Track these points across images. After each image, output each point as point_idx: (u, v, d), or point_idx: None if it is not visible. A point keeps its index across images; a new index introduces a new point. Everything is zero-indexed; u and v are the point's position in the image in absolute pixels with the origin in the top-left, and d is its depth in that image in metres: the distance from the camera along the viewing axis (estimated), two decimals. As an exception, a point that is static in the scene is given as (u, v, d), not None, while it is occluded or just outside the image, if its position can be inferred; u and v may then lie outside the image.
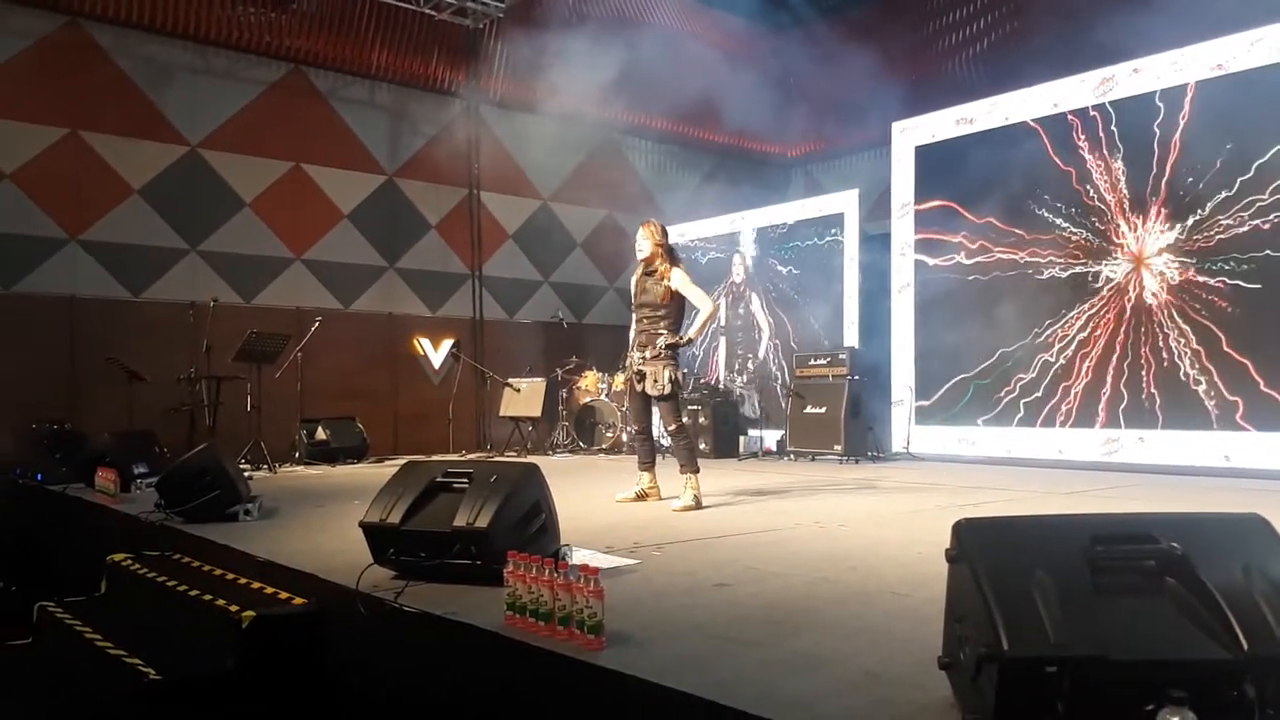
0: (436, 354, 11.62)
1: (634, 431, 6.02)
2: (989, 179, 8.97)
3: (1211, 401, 7.48)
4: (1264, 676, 1.69)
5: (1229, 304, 7.44)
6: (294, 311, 10.27)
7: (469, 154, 11.91)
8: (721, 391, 10.72)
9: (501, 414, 11.03)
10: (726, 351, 12.01)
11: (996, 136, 9.09)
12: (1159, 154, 7.92)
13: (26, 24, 9.06)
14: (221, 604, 3.55)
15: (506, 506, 3.18)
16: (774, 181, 14.49)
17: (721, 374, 11.95)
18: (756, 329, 11.63)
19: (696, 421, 9.90)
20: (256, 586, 3.76)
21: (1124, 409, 8.01)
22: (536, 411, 10.70)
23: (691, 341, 5.77)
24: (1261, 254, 7.26)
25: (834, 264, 10.72)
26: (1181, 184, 7.77)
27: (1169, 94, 7.88)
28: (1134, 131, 8.09)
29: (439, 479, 3.42)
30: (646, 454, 5.89)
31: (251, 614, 3.31)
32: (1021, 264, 8.81)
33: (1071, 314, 8.45)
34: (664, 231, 5.83)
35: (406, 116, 11.50)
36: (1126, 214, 8.15)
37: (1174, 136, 7.82)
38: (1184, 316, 7.70)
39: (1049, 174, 8.64)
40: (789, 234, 11.32)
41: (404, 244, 11.47)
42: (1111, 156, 8.25)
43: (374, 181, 11.25)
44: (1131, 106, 8.13)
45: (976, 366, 9.09)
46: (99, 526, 5.88)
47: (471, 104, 11.88)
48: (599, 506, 5.55)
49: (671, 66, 11.98)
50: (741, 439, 10.11)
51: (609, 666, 2.29)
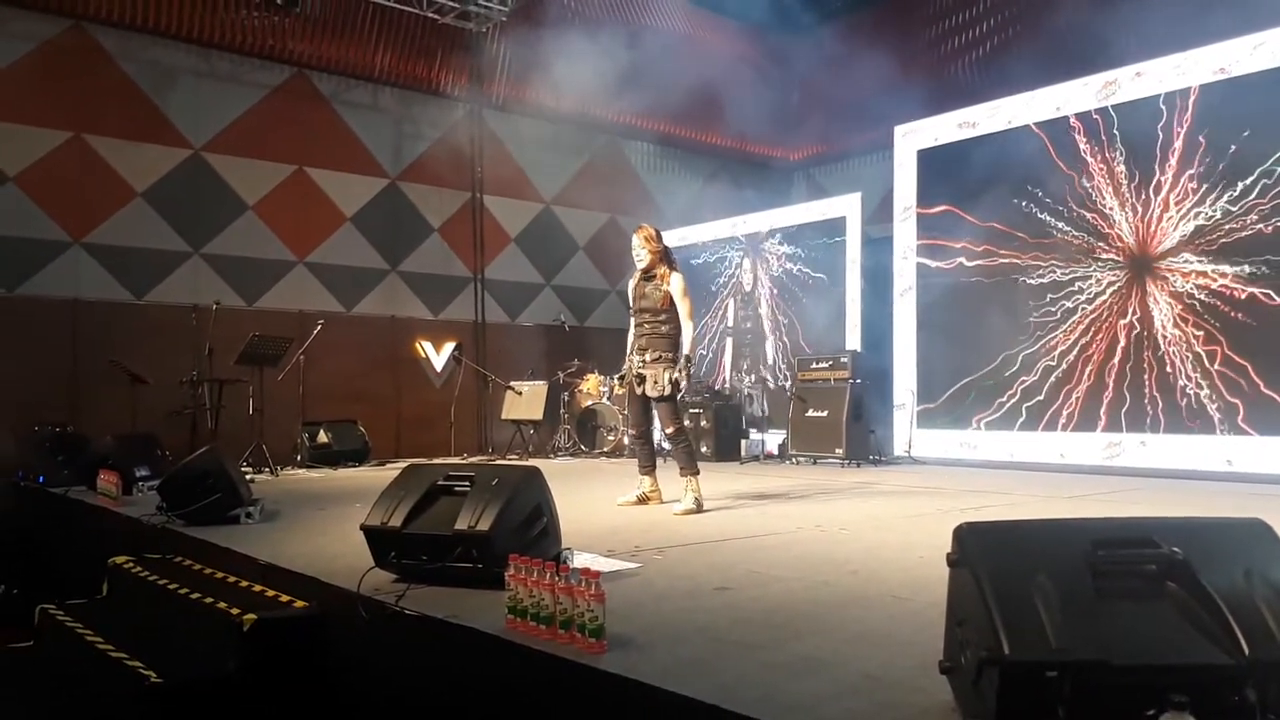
0: (438, 357, 11.64)
1: (633, 435, 6.00)
2: (991, 183, 8.97)
3: (1213, 405, 7.47)
4: (1265, 681, 1.69)
5: (1232, 308, 7.43)
6: (296, 314, 10.29)
7: (471, 157, 11.92)
8: (723, 395, 10.71)
9: (503, 417, 11.04)
10: (734, 352, 12.02)
11: (999, 140, 9.08)
12: (1161, 158, 7.92)
13: (30, 27, 9.09)
14: (223, 607, 3.55)
15: (508, 510, 3.18)
16: (776, 185, 14.50)
17: (728, 374, 11.95)
18: (763, 330, 11.63)
19: (698, 425, 9.90)
20: (258, 589, 3.77)
21: (1126, 413, 8.00)
22: (538, 415, 10.71)
23: (690, 360, 5.67)
24: (1263, 258, 7.26)
25: (836, 267, 10.72)
26: (1184, 188, 7.77)
27: (1171, 98, 7.88)
28: (1136, 135, 8.09)
29: (440, 482, 3.42)
30: (647, 457, 5.88)
31: (253, 617, 3.31)
32: (1024, 268, 8.80)
33: (1074, 317, 8.44)
34: (659, 236, 5.79)
35: (409, 120, 11.53)
36: (1129, 217, 8.15)
37: (1176, 140, 7.83)
38: (1186, 320, 7.69)
39: (1051, 178, 8.63)
40: (791, 237, 11.33)
41: (406, 247, 11.49)
42: (1114, 160, 8.25)
43: (377, 185, 11.27)
44: (1134, 110, 8.13)
45: (978, 370, 9.09)
46: (100, 529, 5.89)
47: (474, 107, 11.90)
48: (600, 510, 5.55)
49: (674, 70, 12.00)
50: (743, 442, 10.09)
51: (610, 670, 2.30)
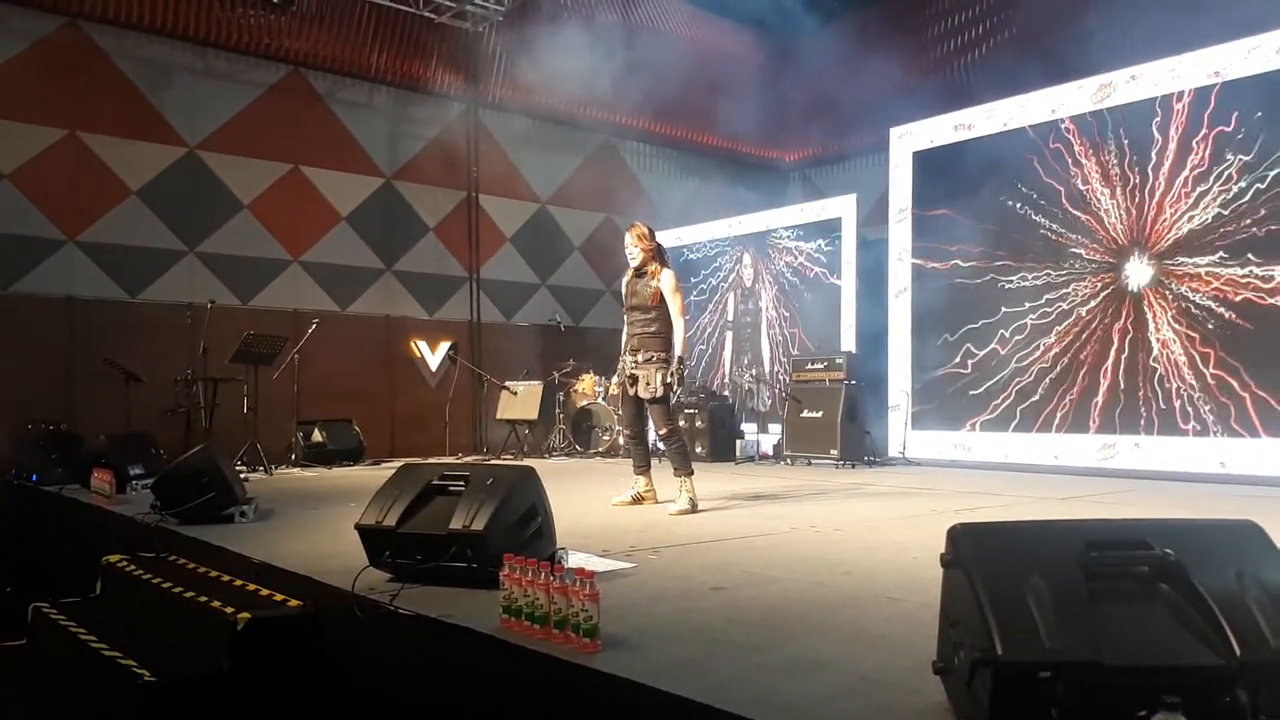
0: (434, 356, 11.63)
1: (628, 435, 6.00)
2: (986, 185, 8.98)
3: (1207, 407, 7.49)
4: (1256, 682, 1.70)
5: (1226, 309, 7.45)
6: (291, 313, 10.27)
7: (467, 156, 11.92)
8: (718, 395, 10.71)
9: (498, 417, 11.03)
10: (734, 347, 12.01)
11: (995, 142, 9.10)
12: (1156, 161, 7.94)
13: (26, 25, 9.06)
14: (217, 606, 3.54)
15: (503, 509, 3.18)
16: (772, 186, 14.51)
17: (728, 369, 11.95)
18: (761, 326, 11.63)
19: (693, 425, 9.89)
20: (252, 588, 3.76)
21: (1120, 414, 8.02)
22: (533, 414, 10.70)
23: (683, 360, 5.65)
24: (1257, 260, 7.28)
25: (831, 269, 10.73)
26: (1179, 191, 7.79)
27: (1166, 100, 7.91)
28: (1132, 138, 8.11)
29: (435, 482, 3.42)
30: (641, 457, 5.87)
31: (247, 616, 3.31)
32: (1019, 269, 8.82)
33: (1068, 319, 8.46)
34: (652, 233, 5.77)
35: (405, 119, 11.52)
36: (1124, 220, 8.17)
37: (1171, 143, 7.85)
38: (1180, 321, 7.71)
39: (1046, 180, 8.65)
40: (786, 238, 11.33)
41: (402, 246, 11.48)
42: (1109, 163, 8.27)
43: (372, 184, 11.26)
44: (1129, 113, 8.15)
45: (973, 372, 9.11)
46: (94, 528, 5.88)
47: (470, 106, 11.89)
48: (595, 510, 5.55)
49: (670, 70, 12.00)
50: (738, 442, 10.10)
51: (604, 670, 2.30)
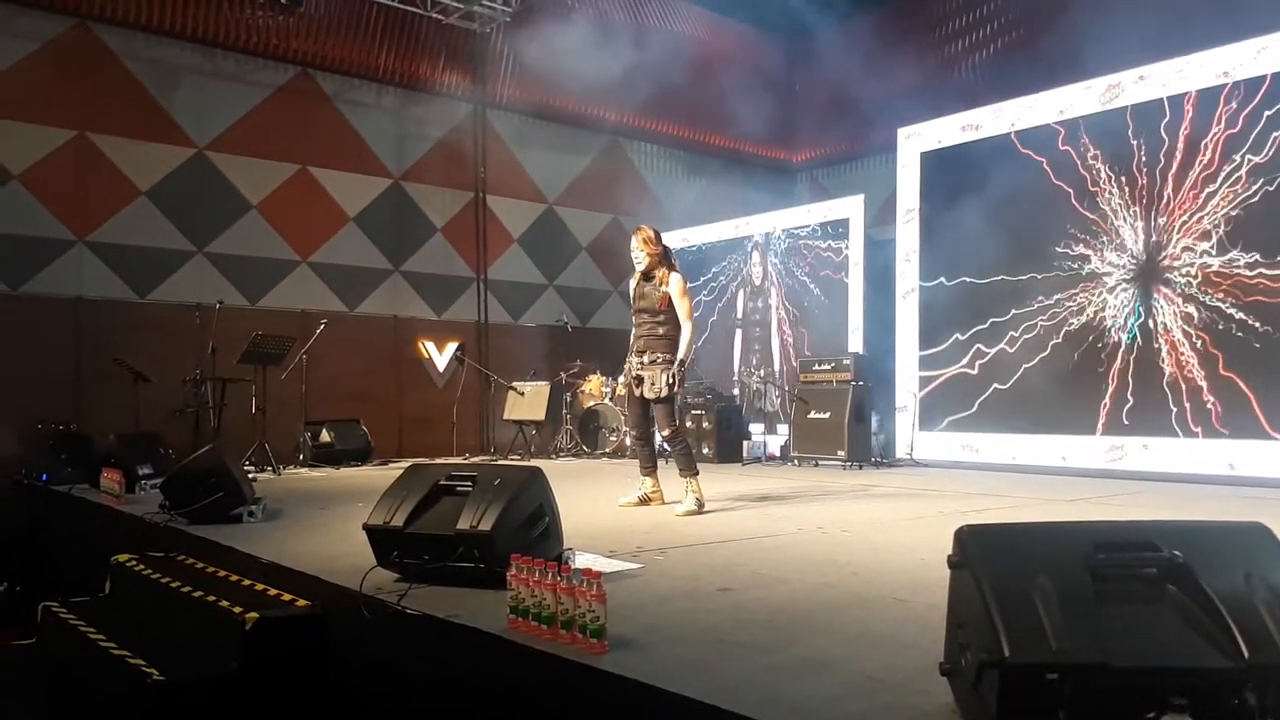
0: (441, 357, 11.65)
1: (634, 436, 5.99)
2: (995, 185, 8.95)
3: (1216, 409, 7.46)
4: (1265, 685, 1.69)
5: (1237, 311, 7.42)
6: (299, 314, 10.30)
7: (475, 158, 11.93)
8: (725, 395, 10.70)
9: (505, 417, 11.05)
10: (743, 346, 12.00)
11: (1003, 143, 9.09)
12: (1165, 161, 7.92)
13: (35, 26, 9.10)
14: (225, 605, 3.55)
15: (510, 510, 3.19)
16: (780, 187, 14.50)
17: (737, 367, 11.92)
18: (770, 326, 11.61)
19: (700, 426, 9.88)
20: (260, 588, 3.77)
21: (1128, 416, 8.00)
22: (540, 415, 10.71)
23: (684, 363, 5.64)
24: (1269, 262, 7.25)
25: (839, 269, 10.72)
26: (1189, 192, 7.76)
27: (1175, 101, 7.88)
28: (1140, 139, 8.09)
29: (443, 482, 3.43)
30: (648, 459, 5.88)
31: (255, 615, 3.32)
32: (1027, 270, 8.80)
33: (1078, 320, 8.43)
34: (658, 236, 5.76)
35: (413, 120, 11.54)
36: (1133, 220, 8.14)
37: (1180, 144, 7.82)
38: (1190, 323, 7.69)
39: (1056, 181, 8.62)
40: (794, 239, 11.32)
41: (409, 247, 11.50)
42: (1118, 163, 8.24)
43: (380, 184, 11.28)
44: (1137, 113, 8.12)
45: (981, 373, 9.09)
46: (103, 527, 5.90)
47: (478, 108, 11.91)
48: (602, 511, 5.55)
49: (678, 72, 12.01)
50: (745, 444, 10.09)
51: (611, 670, 2.30)
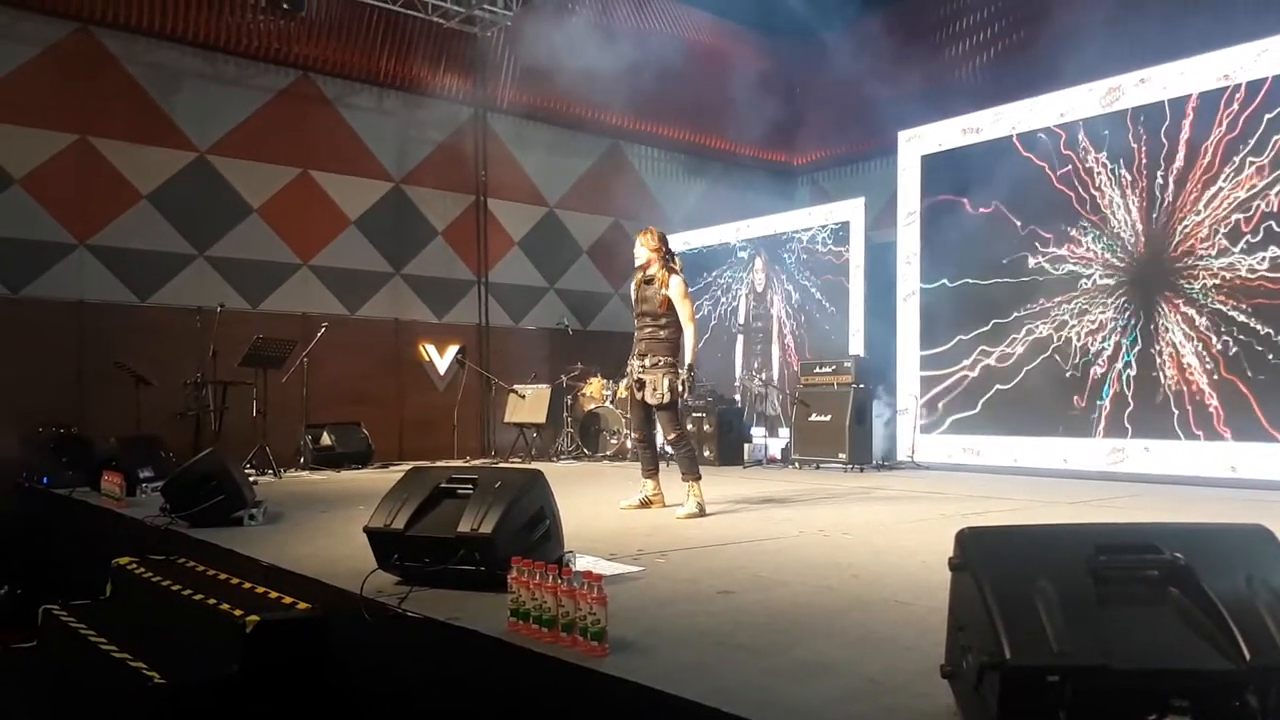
0: (442, 360, 11.65)
1: (636, 439, 6.00)
2: (995, 188, 8.96)
3: (1218, 411, 7.46)
4: (1266, 687, 1.69)
5: (1238, 313, 7.42)
6: (300, 317, 10.31)
7: (476, 161, 11.94)
8: (726, 399, 10.70)
9: (506, 420, 11.04)
10: (744, 350, 11.99)
11: (1003, 146, 9.09)
12: (1165, 164, 7.92)
13: (37, 30, 9.12)
14: (226, 608, 3.55)
15: (511, 513, 3.19)
16: (780, 189, 14.50)
17: (739, 372, 11.92)
18: (772, 330, 11.61)
19: (700, 429, 9.88)
20: (261, 591, 3.77)
21: (1130, 418, 7.99)
22: (541, 418, 10.71)
23: (693, 368, 5.63)
24: (1270, 265, 7.25)
25: (839, 272, 10.72)
26: (1189, 194, 7.76)
27: (1176, 104, 7.88)
28: (1141, 141, 8.09)
29: (444, 485, 3.43)
30: (649, 461, 5.88)
31: (256, 619, 3.31)
32: (1028, 274, 8.80)
33: (1079, 323, 8.43)
34: (662, 239, 5.78)
35: (414, 123, 11.55)
36: (1134, 222, 8.14)
37: (1181, 147, 7.82)
38: (1191, 325, 7.69)
39: (1055, 184, 8.63)
40: (794, 242, 11.32)
41: (410, 250, 11.51)
42: (1119, 166, 8.24)
43: (381, 188, 11.29)
44: (1138, 116, 8.13)
45: (982, 375, 9.08)
46: (104, 530, 5.90)
47: (478, 111, 11.92)
48: (603, 513, 5.55)
49: (678, 74, 12.01)
50: (746, 446, 10.08)
51: (612, 673, 2.30)
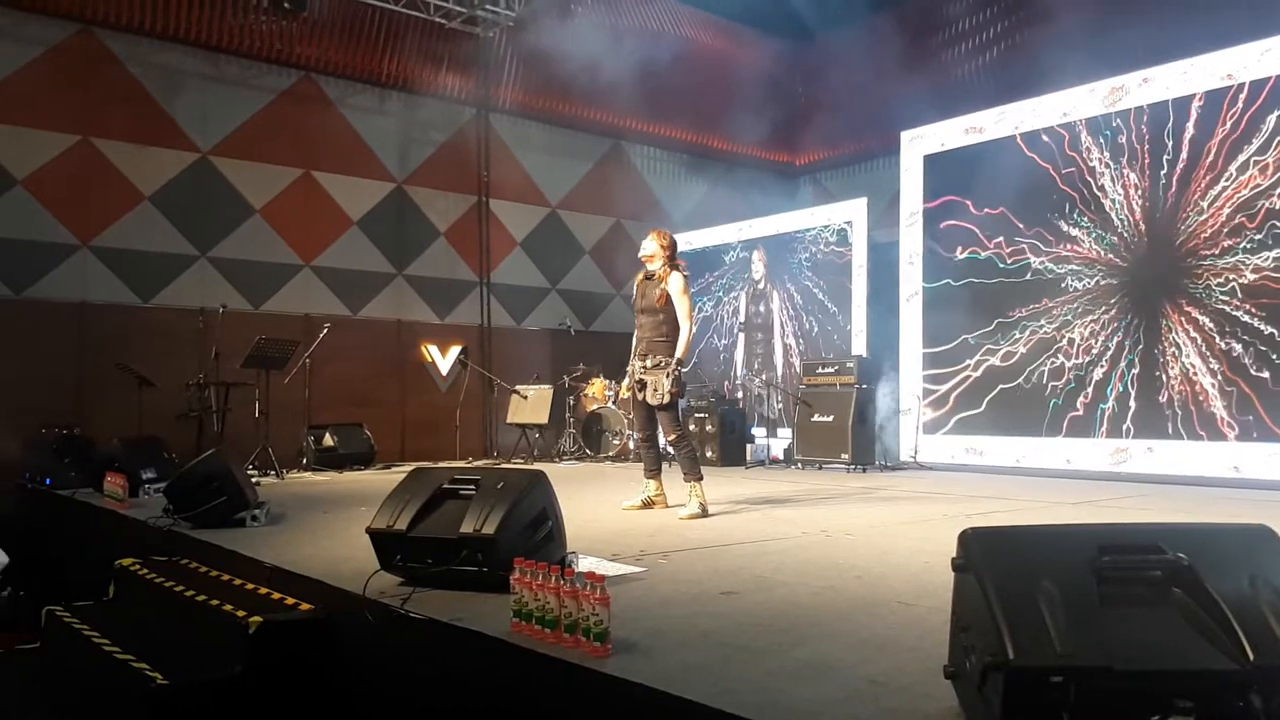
0: (444, 361, 11.65)
1: (638, 439, 6.01)
2: (998, 188, 8.96)
3: (1222, 411, 7.45)
4: (1270, 687, 1.69)
5: (1242, 313, 7.42)
6: (303, 318, 10.31)
7: (478, 161, 11.94)
8: (728, 399, 10.70)
9: (509, 421, 11.05)
10: (745, 350, 11.98)
11: (1006, 146, 9.08)
12: (1169, 164, 7.91)
13: (40, 31, 9.13)
14: (228, 609, 3.56)
15: (513, 513, 3.19)
16: (783, 189, 14.49)
17: (739, 371, 11.91)
18: (773, 329, 11.61)
19: (703, 429, 9.88)
20: (263, 592, 3.77)
21: (1133, 418, 7.99)
22: (543, 419, 10.71)
23: (681, 363, 5.61)
24: (1273, 264, 7.24)
25: (842, 272, 10.71)
26: (1193, 194, 7.75)
27: (1180, 104, 7.87)
28: (1145, 141, 8.09)
29: (446, 485, 3.43)
30: (652, 462, 5.88)
31: (258, 619, 3.32)
32: (1031, 273, 8.79)
33: (1081, 323, 8.43)
34: (673, 241, 5.81)
35: (416, 124, 11.55)
36: (1137, 223, 8.14)
37: (1184, 147, 7.81)
38: (1195, 325, 7.68)
39: (1058, 184, 8.62)
40: (797, 242, 11.32)
41: (413, 251, 11.51)
42: (1122, 165, 8.24)
43: (383, 189, 11.30)
44: (1142, 116, 8.12)
45: (985, 376, 9.08)
46: (107, 531, 5.91)
47: (480, 112, 11.92)
48: (605, 514, 5.55)
49: (680, 75, 12.01)
50: (748, 447, 10.08)
51: (615, 674, 2.30)
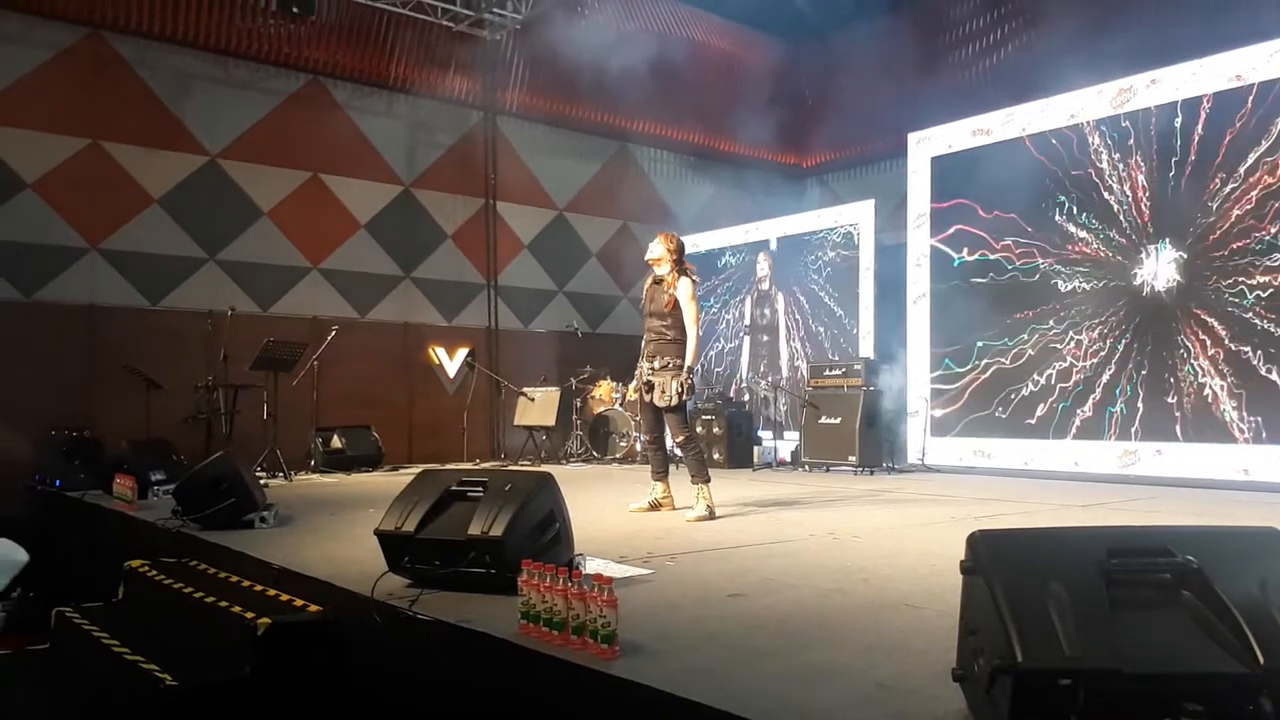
0: (451, 363, 11.67)
1: (646, 441, 6.01)
2: (1005, 190, 8.93)
3: (1231, 414, 7.42)
4: (1280, 691, 1.68)
5: (1251, 315, 7.38)
6: (310, 320, 10.34)
7: (485, 164, 11.97)
8: (735, 401, 10.68)
9: (516, 423, 11.07)
10: (751, 353, 11.97)
11: (1013, 148, 9.06)
12: (1177, 167, 7.88)
13: (49, 35, 9.17)
14: (237, 611, 3.57)
15: (521, 515, 3.19)
16: (790, 191, 14.46)
17: (745, 374, 11.90)
18: (779, 332, 11.59)
19: (710, 431, 9.88)
20: (272, 594, 3.78)
21: (1142, 421, 7.96)
22: (550, 421, 10.73)
23: (690, 370, 5.62)
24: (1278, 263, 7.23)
25: (849, 274, 10.70)
26: (1202, 195, 7.72)
27: (1189, 105, 7.85)
28: (1153, 142, 8.06)
29: (454, 487, 3.43)
30: (659, 464, 5.87)
31: (267, 621, 3.33)
32: (1040, 275, 8.77)
33: (1090, 325, 8.40)
34: (680, 244, 5.80)
35: (424, 127, 11.58)
36: (1146, 225, 8.11)
37: (1193, 148, 7.78)
38: (1204, 328, 7.65)
39: (1066, 185, 8.60)
40: (804, 244, 11.31)
41: (420, 254, 11.53)
42: (1130, 167, 8.21)
43: (391, 191, 11.32)
44: (1150, 118, 8.10)
45: (993, 378, 9.05)
46: (116, 533, 5.94)
47: (488, 115, 11.95)
48: (613, 516, 5.55)
49: (687, 77, 12.02)
50: (756, 449, 10.06)
51: (622, 676, 2.30)
